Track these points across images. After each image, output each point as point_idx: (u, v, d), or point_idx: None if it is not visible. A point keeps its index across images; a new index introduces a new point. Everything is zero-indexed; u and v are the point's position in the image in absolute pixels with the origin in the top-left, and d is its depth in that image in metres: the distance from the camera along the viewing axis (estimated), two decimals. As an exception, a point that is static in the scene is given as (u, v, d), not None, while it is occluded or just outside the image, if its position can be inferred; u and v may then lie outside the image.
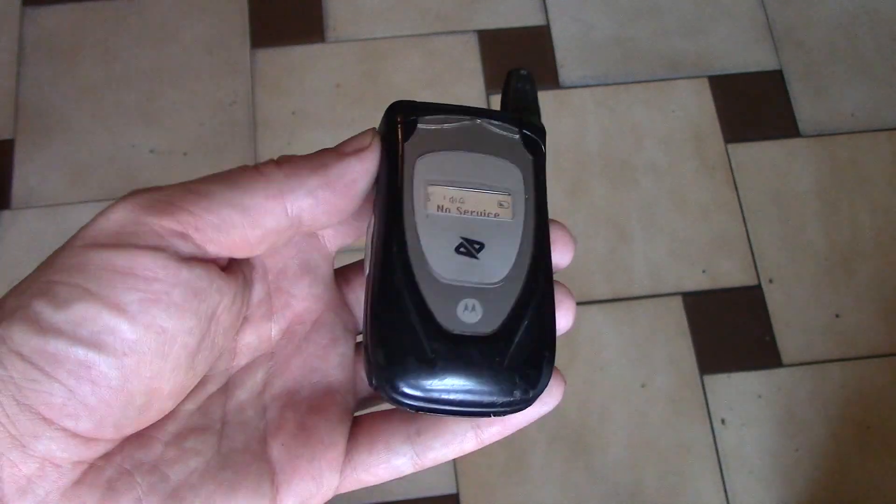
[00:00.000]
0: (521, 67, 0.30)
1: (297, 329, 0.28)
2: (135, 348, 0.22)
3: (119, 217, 0.23)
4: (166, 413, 0.25)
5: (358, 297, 0.29)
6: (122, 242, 0.22)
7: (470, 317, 0.25)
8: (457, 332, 0.25)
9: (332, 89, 1.14)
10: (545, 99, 1.14)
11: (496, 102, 1.13)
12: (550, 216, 0.28)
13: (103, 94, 1.13)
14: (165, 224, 0.23)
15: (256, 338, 0.27)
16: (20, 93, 1.12)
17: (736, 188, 1.10)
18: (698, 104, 1.14)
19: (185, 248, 0.23)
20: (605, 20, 1.19)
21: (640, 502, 0.96)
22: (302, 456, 0.26)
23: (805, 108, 1.15)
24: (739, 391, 1.00)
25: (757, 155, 1.12)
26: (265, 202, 0.24)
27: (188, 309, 0.23)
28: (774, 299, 1.04)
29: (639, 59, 1.17)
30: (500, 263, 0.26)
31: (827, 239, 1.07)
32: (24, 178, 1.08)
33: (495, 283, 0.26)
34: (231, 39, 1.17)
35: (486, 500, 0.95)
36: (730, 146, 1.12)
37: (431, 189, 0.26)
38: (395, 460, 0.27)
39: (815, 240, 1.07)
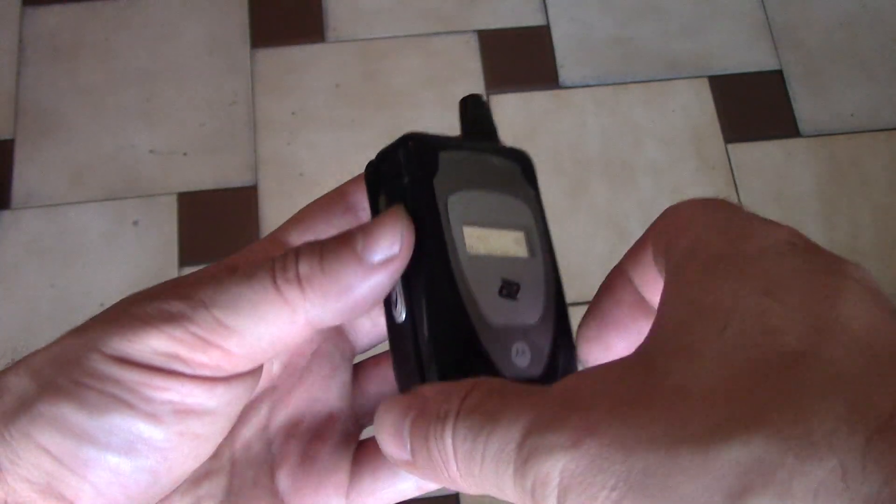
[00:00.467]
0: (474, 94, 0.29)
1: (297, 362, 0.28)
2: (168, 454, 0.23)
3: (154, 345, 0.23)
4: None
5: (354, 325, 0.29)
6: (157, 366, 0.23)
7: (522, 361, 0.25)
8: (514, 377, 0.25)
9: (332, 89, 1.14)
10: (545, 99, 1.14)
11: (496, 102, 1.13)
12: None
13: (103, 94, 1.13)
14: (199, 359, 0.23)
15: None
16: (20, 93, 1.12)
17: (736, 188, 1.10)
18: (698, 104, 1.14)
19: (217, 374, 0.24)
20: (605, 20, 1.20)
21: (640, 502, 0.96)
22: (308, 484, 0.27)
23: (805, 108, 1.15)
24: (739, 391, 1.00)
25: (757, 155, 1.12)
26: (292, 330, 0.24)
27: (223, 413, 0.24)
28: (774, 299, 1.04)
29: (639, 59, 1.17)
30: (535, 304, 0.26)
31: (827, 239, 1.07)
32: (24, 178, 1.08)
33: (534, 324, 0.26)
34: (231, 39, 1.17)
35: (486, 500, 0.95)
36: (730, 146, 1.12)
37: (466, 230, 0.25)
38: (400, 485, 0.28)
39: (814, 240, 1.07)
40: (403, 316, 0.25)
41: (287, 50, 1.16)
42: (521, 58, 1.17)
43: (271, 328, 0.23)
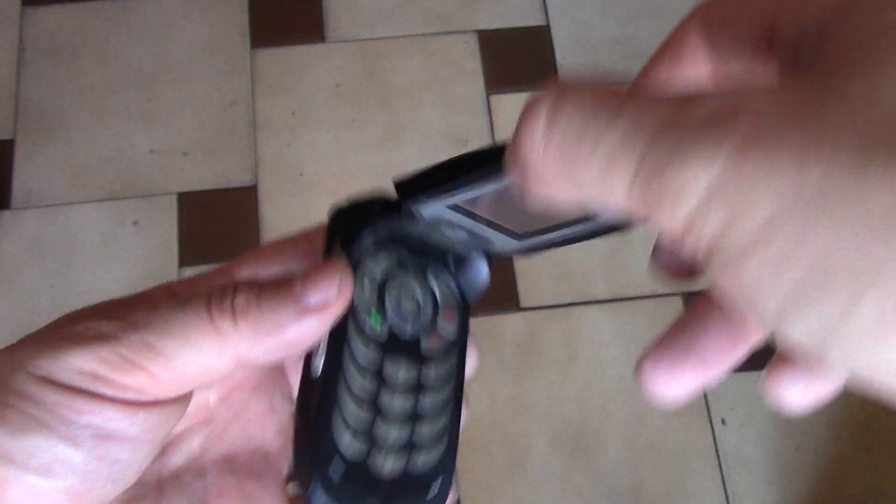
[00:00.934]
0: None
1: (235, 396, 0.28)
2: (87, 477, 0.23)
3: (78, 364, 0.23)
4: None
5: (296, 369, 0.29)
6: (79, 387, 0.22)
7: None
8: None
9: (332, 89, 1.14)
10: (545, 99, 1.14)
11: (496, 102, 1.13)
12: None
13: (103, 94, 1.13)
14: (124, 381, 0.23)
15: (195, 405, 0.27)
16: (20, 93, 1.12)
17: (736, 188, 1.10)
18: (698, 104, 1.14)
19: (141, 398, 0.23)
20: (605, 20, 1.20)
21: (640, 502, 0.96)
22: None
23: (805, 108, 1.15)
24: (739, 391, 1.00)
25: (757, 155, 1.12)
26: (220, 362, 0.24)
27: (145, 440, 0.24)
28: (774, 299, 1.04)
29: (639, 59, 1.17)
30: None
31: (827, 239, 1.08)
32: (24, 178, 1.08)
33: None
34: (231, 39, 1.17)
35: (486, 500, 0.95)
36: (730, 146, 1.12)
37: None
38: None
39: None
40: (320, 370, 0.25)
41: (287, 50, 1.16)
42: (521, 58, 1.17)
43: (199, 356, 0.23)
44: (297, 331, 0.24)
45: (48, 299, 1.02)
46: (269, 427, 0.28)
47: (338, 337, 0.25)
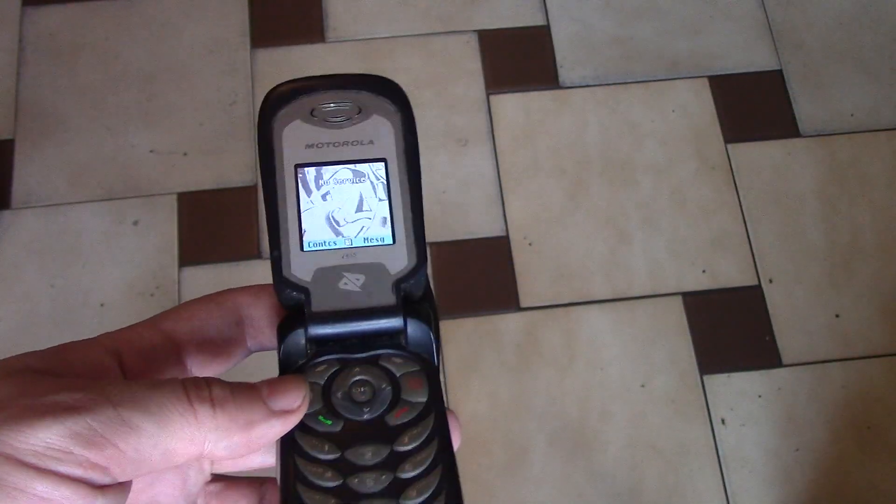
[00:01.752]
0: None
1: None
2: None
3: (49, 439, 0.22)
4: None
5: None
6: (44, 466, 0.22)
7: None
8: None
9: (332, 89, 1.14)
10: (545, 99, 1.14)
11: (496, 102, 1.13)
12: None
13: (103, 94, 1.13)
14: (92, 457, 0.22)
15: None
16: (20, 93, 1.12)
17: (736, 188, 1.10)
18: (698, 104, 1.14)
19: (102, 479, 0.23)
20: (605, 20, 1.19)
21: (640, 502, 0.96)
22: None
23: (805, 108, 1.15)
24: (739, 391, 1.00)
25: (757, 155, 1.12)
26: (187, 447, 0.24)
27: None
28: (774, 299, 1.04)
29: (639, 59, 1.17)
30: None
31: (827, 239, 1.07)
32: (24, 178, 1.08)
33: None
34: (231, 39, 1.17)
35: (486, 500, 0.95)
36: (730, 146, 1.12)
37: None
38: None
39: (815, 240, 1.07)
40: (278, 478, 0.27)
41: (287, 50, 1.16)
42: (521, 58, 1.17)
43: (170, 438, 0.23)
44: (263, 430, 0.25)
45: (48, 299, 1.02)
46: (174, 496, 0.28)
47: (287, 442, 0.27)
